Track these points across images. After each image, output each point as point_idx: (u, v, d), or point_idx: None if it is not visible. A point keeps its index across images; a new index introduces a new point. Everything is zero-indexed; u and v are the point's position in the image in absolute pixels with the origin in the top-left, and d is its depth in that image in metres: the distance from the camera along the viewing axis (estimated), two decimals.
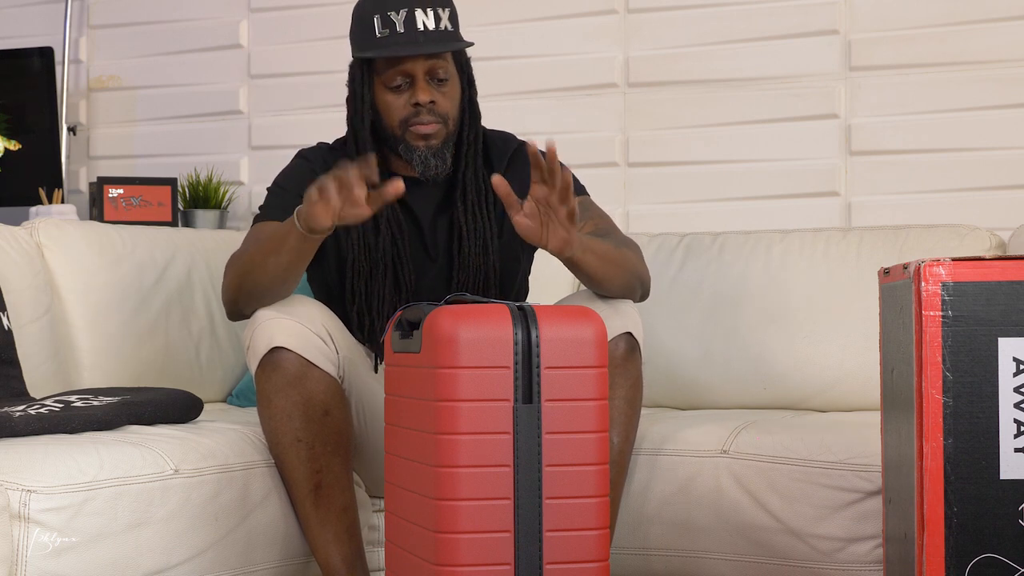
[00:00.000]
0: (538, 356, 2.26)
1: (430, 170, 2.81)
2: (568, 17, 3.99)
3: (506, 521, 2.23)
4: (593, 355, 2.27)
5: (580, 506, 2.26)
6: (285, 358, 2.68)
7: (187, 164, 4.32)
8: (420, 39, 2.75)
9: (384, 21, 2.76)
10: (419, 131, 2.79)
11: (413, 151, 2.81)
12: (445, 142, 2.82)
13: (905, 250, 3.28)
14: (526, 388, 2.25)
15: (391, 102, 2.81)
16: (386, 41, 2.76)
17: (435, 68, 2.79)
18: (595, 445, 2.27)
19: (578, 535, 2.25)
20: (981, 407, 2.13)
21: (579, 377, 2.27)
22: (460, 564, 2.21)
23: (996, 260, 2.15)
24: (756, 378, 3.34)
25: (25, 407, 2.70)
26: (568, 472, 2.26)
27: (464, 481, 2.22)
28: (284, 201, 2.81)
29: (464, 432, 2.23)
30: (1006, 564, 2.13)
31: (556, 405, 2.26)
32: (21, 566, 2.33)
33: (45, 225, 3.38)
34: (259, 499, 2.71)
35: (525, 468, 2.25)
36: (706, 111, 3.84)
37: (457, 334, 2.22)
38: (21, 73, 4.28)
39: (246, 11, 4.35)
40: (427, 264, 2.87)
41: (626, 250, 2.73)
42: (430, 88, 2.79)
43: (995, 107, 3.58)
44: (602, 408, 2.28)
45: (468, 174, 2.86)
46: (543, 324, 2.27)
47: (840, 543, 2.73)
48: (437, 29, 2.76)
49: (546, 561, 2.24)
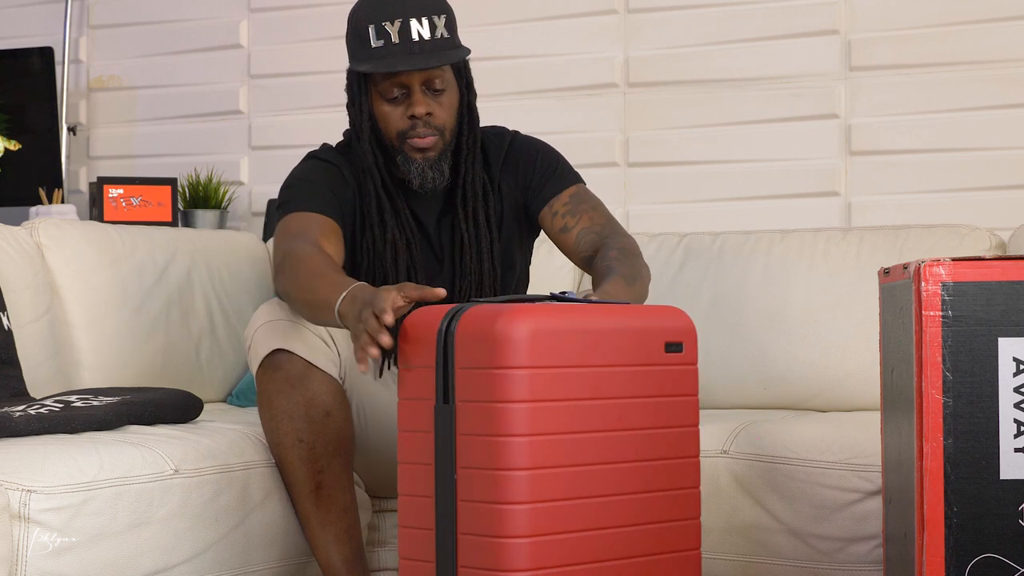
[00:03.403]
0: (453, 355, 2.24)
1: (427, 183, 2.80)
2: (568, 17, 3.98)
3: (429, 519, 2.27)
4: (510, 355, 2.19)
5: (496, 511, 2.19)
6: (287, 359, 2.68)
7: (187, 164, 4.32)
8: (415, 50, 2.72)
9: (379, 31, 2.73)
10: (416, 144, 2.77)
11: (411, 163, 2.79)
12: (442, 154, 2.80)
13: (905, 250, 3.28)
14: (443, 388, 2.25)
15: (388, 113, 2.79)
16: (381, 52, 2.73)
17: (431, 79, 2.76)
18: (517, 449, 2.18)
19: (494, 541, 2.18)
20: (981, 407, 2.13)
21: (495, 378, 2.20)
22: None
23: (996, 260, 2.15)
24: (756, 378, 3.34)
25: (25, 407, 2.70)
26: (484, 475, 2.20)
27: (402, 475, 2.34)
28: (316, 192, 2.78)
29: (403, 429, 2.33)
30: (1006, 564, 2.13)
31: (470, 406, 2.22)
32: (21, 566, 2.33)
33: (45, 225, 3.38)
34: (259, 499, 2.71)
35: (442, 468, 2.25)
36: (706, 111, 3.84)
37: (407, 332, 2.31)
38: (21, 73, 4.28)
39: (246, 11, 4.35)
40: (435, 269, 2.87)
41: (642, 279, 2.69)
42: (426, 99, 2.76)
43: (995, 107, 3.58)
44: (530, 411, 2.19)
45: (468, 180, 2.84)
46: (464, 322, 2.24)
47: (840, 543, 2.73)
48: (433, 38, 2.73)
49: (460, 564, 2.23)
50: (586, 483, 2.26)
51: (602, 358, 2.29)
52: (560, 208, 2.85)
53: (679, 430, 2.40)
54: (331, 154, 2.88)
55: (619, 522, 2.29)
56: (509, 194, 2.89)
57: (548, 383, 2.22)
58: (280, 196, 2.85)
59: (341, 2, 4.13)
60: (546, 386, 2.22)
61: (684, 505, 2.40)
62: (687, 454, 2.41)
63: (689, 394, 2.41)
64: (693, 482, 2.42)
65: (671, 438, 2.38)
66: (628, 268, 2.66)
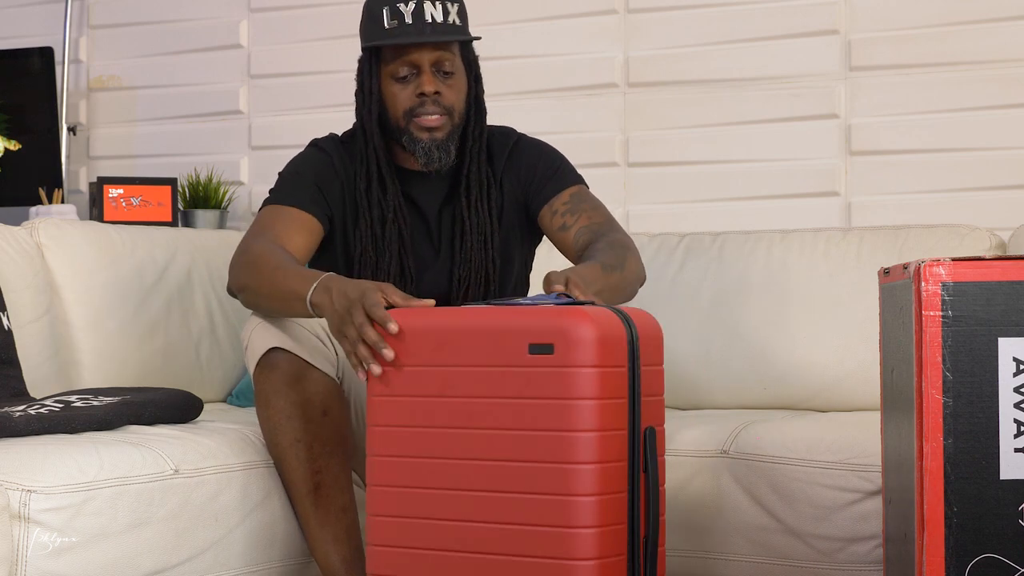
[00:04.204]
0: None
1: (433, 162, 2.82)
2: (568, 17, 3.99)
3: None
4: None
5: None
6: (283, 359, 2.68)
7: (187, 164, 4.32)
8: (427, 30, 2.77)
9: (393, 12, 2.78)
10: (424, 123, 2.80)
11: (416, 143, 2.81)
12: (450, 135, 2.82)
13: (905, 250, 3.28)
14: None
15: (397, 92, 2.81)
16: (394, 31, 2.78)
17: (441, 60, 2.80)
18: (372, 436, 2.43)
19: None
20: (981, 407, 2.13)
21: None
22: None
23: (996, 260, 2.15)
24: (756, 378, 3.34)
25: (25, 407, 2.70)
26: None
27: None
28: (299, 185, 2.83)
29: None
30: (1006, 564, 2.13)
31: None
32: (21, 566, 2.33)
33: (45, 225, 3.38)
34: (259, 499, 2.71)
35: None
36: (706, 111, 3.84)
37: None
38: (21, 73, 4.28)
39: (246, 11, 4.35)
40: (431, 256, 2.88)
41: (623, 271, 2.68)
42: (435, 79, 2.80)
43: (995, 107, 3.58)
44: (379, 404, 2.40)
45: (472, 169, 2.86)
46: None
47: (840, 543, 2.73)
48: (445, 22, 2.78)
49: None
50: (432, 475, 2.38)
51: (456, 358, 2.35)
52: (560, 207, 2.86)
53: (549, 434, 2.28)
54: (330, 144, 2.90)
55: (468, 516, 2.36)
56: (511, 192, 2.90)
57: (405, 379, 2.39)
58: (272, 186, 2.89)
59: (341, 2, 4.15)
60: (403, 382, 2.39)
61: (558, 512, 2.27)
62: (563, 459, 2.27)
63: (566, 398, 2.27)
64: (574, 490, 2.27)
65: (537, 441, 2.29)
66: (611, 258, 2.66)
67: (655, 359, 2.39)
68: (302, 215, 2.81)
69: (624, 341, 2.32)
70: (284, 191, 2.85)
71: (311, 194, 2.83)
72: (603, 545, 2.27)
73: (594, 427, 2.27)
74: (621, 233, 2.80)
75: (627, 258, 2.71)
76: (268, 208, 2.83)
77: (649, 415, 2.36)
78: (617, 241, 2.75)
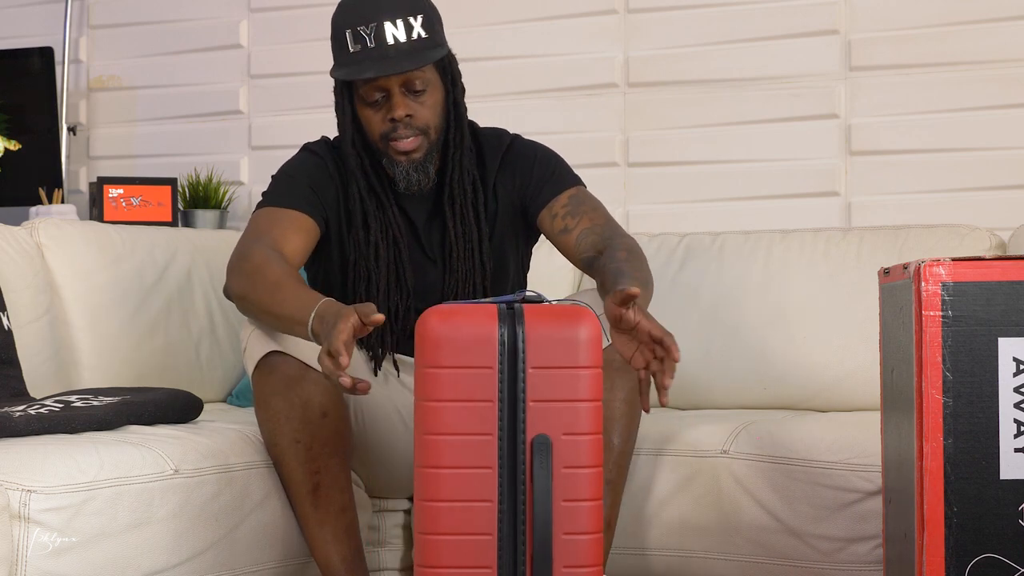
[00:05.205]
0: None
1: (413, 185, 2.80)
2: (568, 17, 3.98)
3: None
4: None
5: None
6: (282, 361, 2.68)
7: (187, 164, 4.32)
8: (391, 53, 2.70)
9: (355, 36, 2.72)
10: (399, 147, 2.77)
11: (396, 165, 2.79)
12: (428, 154, 2.79)
13: (905, 250, 3.28)
14: None
15: (370, 117, 2.78)
16: (358, 57, 2.71)
17: (410, 80, 2.74)
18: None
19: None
20: (981, 407, 2.13)
21: None
22: None
23: (996, 260, 2.15)
24: (756, 378, 3.34)
25: (25, 407, 2.70)
26: None
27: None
28: (294, 187, 2.81)
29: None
30: (1006, 564, 2.13)
31: None
32: (21, 566, 2.33)
33: (45, 225, 3.38)
34: (259, 499, 2.71)
35: None
36: (706, 111, 3.84)
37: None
38: (21, 73, 4.28)
39: (246, 11, 4.35)
40: (427, 266, 2.87)
41: (651, 282, 2.66)
42: (406, 101, 2.74)
43: (995, 107, 3.58)
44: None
45: (455, 178, 2.84)
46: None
47: (840, 543, 2.73)
48: (408, 40, 2.71)
49: None
50: None
51: None
52: (559, 210, 2.84)
53: (418, 437, 2.20)
54: (323, 148, 2.89)
55: None
56: (505, 196, 2.88)
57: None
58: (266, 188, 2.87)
59: None
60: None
61: (418, 517, 2.21)
62: (420, 463, 2.19)
63: (422, 399, 2.19)
64: (423, 495, 2.19)
65: (419, 445, 2.20)
66: (641, 272, 2.64)
67: (567, 362, 2.18)
68: (299, 216, 2.79)
69: (493, 342, 2.17)
70: (279, 192, 2.83)
71: (306, 195, 2.81)
72: (458, 554, 2.17)
73: (443, 431, 2.17)
74: (628, 237, 2.78)
75: (648, 270, 2.69)
76: (264, 210, 2.81)
77: (550, 422, 2.18)
78: (633, 250, 2.70)
